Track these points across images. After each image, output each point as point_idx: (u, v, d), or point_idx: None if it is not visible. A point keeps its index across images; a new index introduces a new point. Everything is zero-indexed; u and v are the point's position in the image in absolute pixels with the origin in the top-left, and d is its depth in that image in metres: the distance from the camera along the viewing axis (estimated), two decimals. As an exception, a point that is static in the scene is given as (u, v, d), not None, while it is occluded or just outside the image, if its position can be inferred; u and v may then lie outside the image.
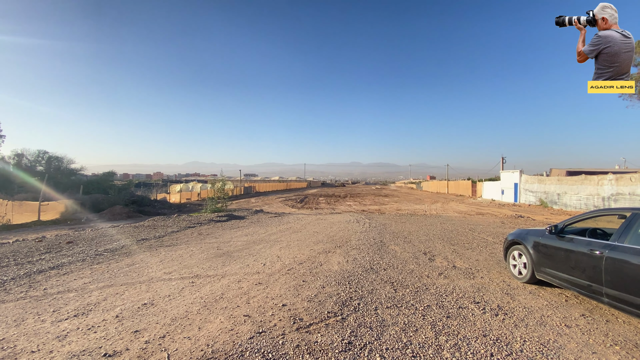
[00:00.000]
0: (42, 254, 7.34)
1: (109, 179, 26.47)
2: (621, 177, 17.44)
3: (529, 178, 26.04)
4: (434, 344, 3.20)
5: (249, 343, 3.19)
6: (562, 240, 4.49)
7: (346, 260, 6.64)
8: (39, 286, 5.07)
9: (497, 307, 4.20)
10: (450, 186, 46.83)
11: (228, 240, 9.09)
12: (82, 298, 4.52)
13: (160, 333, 3.41)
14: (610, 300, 3.62)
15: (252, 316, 3.83)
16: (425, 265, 6.26)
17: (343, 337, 3.30)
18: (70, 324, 3.67)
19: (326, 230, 10.93)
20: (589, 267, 3.90)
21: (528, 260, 5.08)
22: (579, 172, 27.44)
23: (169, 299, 4.44)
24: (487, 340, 3.30)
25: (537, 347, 3.18)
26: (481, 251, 7.67)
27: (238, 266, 6.18)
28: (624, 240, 3.63)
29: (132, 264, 6.40)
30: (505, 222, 13.79)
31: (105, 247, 8.03)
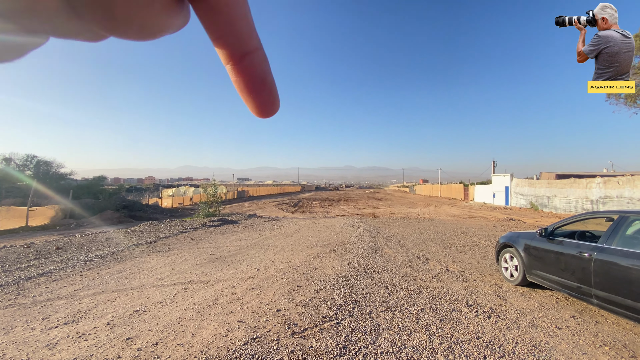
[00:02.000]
0: (31, 260, 7.19)
1: (99, 184, 26.11)
2: (609, 180, 17.81)
3: (519, 181, 26.42)
4: (428, 347, 3.22)
5: (243, 349, 3.17)
6: (552, 242, 4.57)
7: (340, 264, 6.64)
8: (27, 293, 4.96)
9: (490, 309, 4.24)
10: (443, 190, 47.22)
11: (221, 245, 9.02)
12: (72, 305, 4.44)
13: (152, 340, 3.37)
14: (600, 302, 3.69)
15: (246, 322, 3.81)
16: (419, 269, 6.30)
17: (338, 342, 3.30)
18: (61, 331, 3.61)
19: (320, 235, 10.93)
20: (578, 269, 3.98)
21: (519, 263, 5.16)
22: (568, 175, 27.94)
23: (161, 305, 4.39)
24: (480, 342, 3.33)
25: (529, 348, 3.22)
26: (473, 254, 7.75)
27: (232, 271, 6.14)
28: (612, 243, 3.71)
29: (124, 270, 6.31)
30: (496, 225, 13.95)
31: (95, 253, 7.90)
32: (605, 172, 40.66)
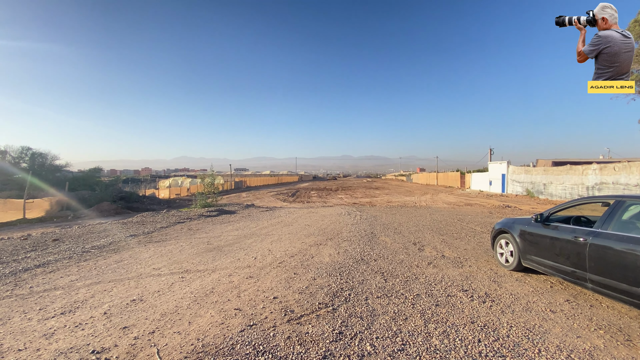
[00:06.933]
0: (28, 252, 7.17)
1: (95, 175, 25.97)
2: (605, 166, 17.87)
3: (516, 169, 26.49)
4: (423, 332, 3.25)
5: (239, 336, 3.18)
6: (547, 228, 4.59)
7: (337, 252, 6.67)
8: (24, 284, 4.96)
9: (485, 294, 4.28)
10: (440, 178, 47.35)
11: (218, 235, 9.03)
12: (69, 295, 4.44)
13: (149, 328, 3.38)
14: (594, 286, 3.73)
15: (243, 309, 3.82)
16: (414, 255, 6.33)
17: (334, 328, 3.33)
18: (57, 321, 3.61)
19: (317, 223, 10.95)
20: (573, 253, 4.00)
21: (515, 249, 5.19)
22: (564, 162, 28.03)
23: (158, 294, 4.40)
24: (475, 326, 3.37)
25: (523, 332, 3.26)
26: (469, 240, 7.80)
27: (229, 260, 6.15)
28: (607, 227, 3.72)
29: (121, 261, 6.30)
30: (492, 212, 14.04)
31: (92, 244, 7.89)
32: (602, 158, 40.83)
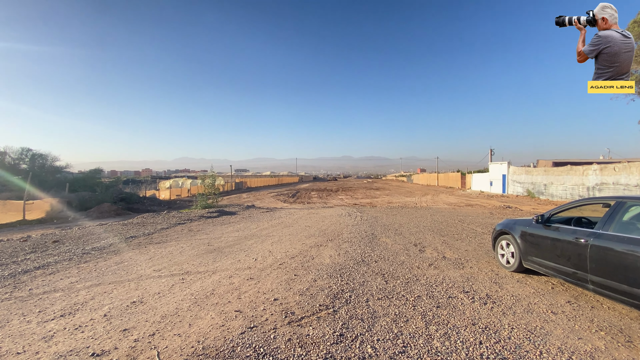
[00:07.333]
0: (27, 253, 7.16)
1: (95, 176, 25.94)
2: (605, 167, 17.87)
3: (516, 169, 26.48)
4: (425, 334, 3.23)
5: (240, 338, 3.17)
6: (548, 229, 4.58)
7: (338, 253, 6.66)
8: (24, 287, 4.94)
9: (486, 295, 4.27)
10: (440, 179, 47.33)
11: (219, 236, 9.02)
12: (68, 298, 4.43)
13: (149, 331, 3.37)
14: (595, 287, 3.71)
15: (243, 311, 3.81)
16: (415, 257, 6.32)
17: (335, 330, 3.31)
18: (57, 324, 3.60)
19: (318, 224, 10.94)
20: (574, 255, 3.99)
21: (515, 250, 5.17)
22: (564, 162, 28.03)
23: (158, 296, 4.39)
24: (476, 328, 3.35)
25: (525, 334, 3.25)
26: (470, 242, 7.79)
27: (229, 262, 6.13)
28: (608, 228, 3.71)
29: (121, 262, 6.29)
30: (493, 213, 14.02)
31: (92, 246, 7.87)
32: (602, 159, 40.82)
